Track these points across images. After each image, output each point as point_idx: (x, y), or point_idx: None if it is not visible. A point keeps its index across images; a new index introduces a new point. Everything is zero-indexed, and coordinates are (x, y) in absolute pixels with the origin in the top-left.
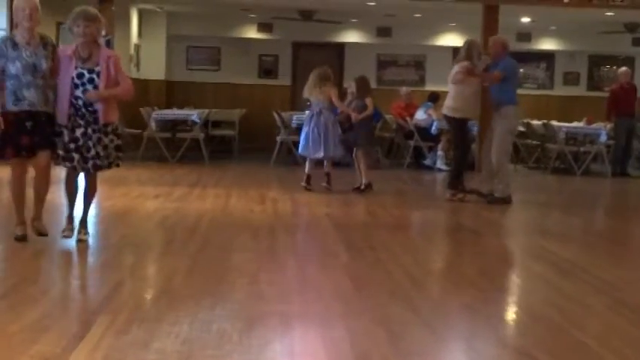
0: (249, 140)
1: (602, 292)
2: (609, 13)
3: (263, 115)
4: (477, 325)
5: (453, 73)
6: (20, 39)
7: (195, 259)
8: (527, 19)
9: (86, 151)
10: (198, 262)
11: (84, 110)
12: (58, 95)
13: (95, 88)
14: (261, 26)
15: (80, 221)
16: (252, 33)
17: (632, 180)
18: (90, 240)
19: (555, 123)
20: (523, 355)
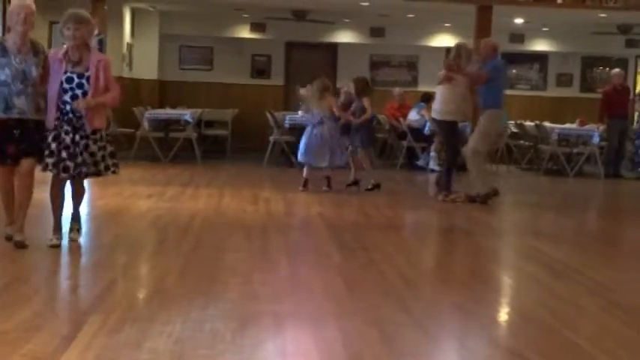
0: (241, 140)
1: (595, 293)
2: (602, 14)
3: (256, 115)
4: (469, 326)
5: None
6: (11, 44)
7: (188, 258)
8: (520, 20)
9: (74, 158)
10: (190, 262)
11: (71, 115)
12: (46, 99)
13: (84, 93)
14: (254, 26)
15: (72, 220)
16: (245, 33)
17: (625, 181)
18: (82, 239)
19: (548, 124)
20: (515, 356)
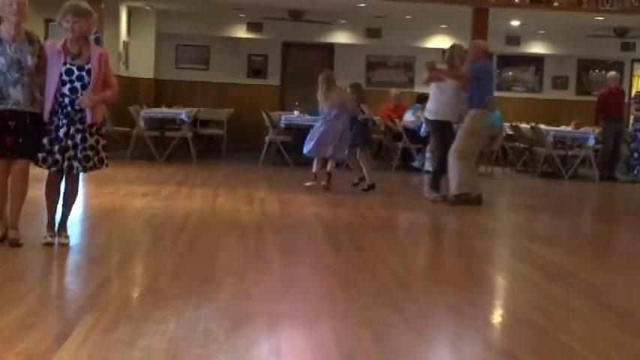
0: (237, 140)
1: (588, 296)
2: (599, 17)
3: (252, 115)
4: (462, 327)
5: None
6: (5, 34)
7: (183, 258)
8: (516, 22)
9: (65, 152)
10: (185, 261)
11: (69, 109)
12: (44, 91)
13: (83, 86)
14: (251, 26)
15: (59, 224)
16: (241, 32)
17: (620, 184)
18: (77, 238)
19: (543, 127)
20: (508, 357)
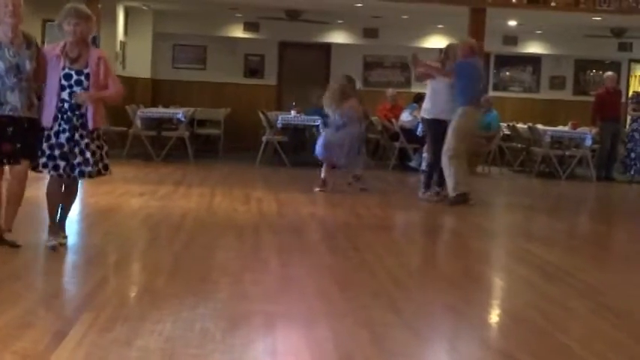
0: (234, 140)
1: (586, 296)
2: (596, 17)
3: (248, 115)
4: (460, 327)
5: None
6: (3, 37)
7: (179, 257)
8: (513, 22)
9: (72, 158)
10: (182, 261)
11: (70, 114)
12: (43, 96)
13: (84, 90)
14: (248, 25)
15: (58, 224)
16: (238, 32)
17: (617, 184)
18: (74, 237)
19: (541, 126)
20: (506, 357)
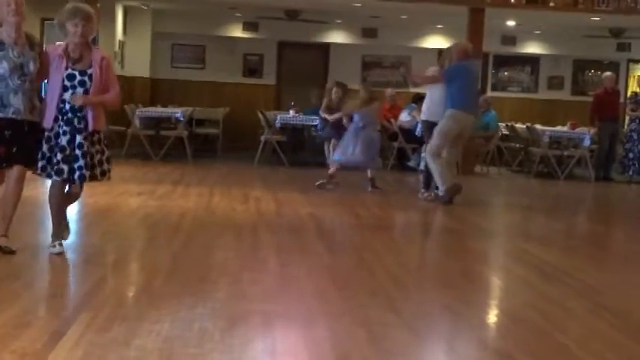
0: (233, 139)
1: (584, 296)
2: (595, 17)
3: (247, 114)
4: (458, 327)
5: None
6: (6, 37)
7: (178, 257)
8: (512, 22)
9: (74, 161)
10: (180, 261)
11: (71, 115)
12: (45, 97)
13: (86, 91)
14: (247, 25)
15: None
16: (237, 32)
17: (615, 184)
18: (71, 238)
19: (539, 127)
20: (504, 357)
